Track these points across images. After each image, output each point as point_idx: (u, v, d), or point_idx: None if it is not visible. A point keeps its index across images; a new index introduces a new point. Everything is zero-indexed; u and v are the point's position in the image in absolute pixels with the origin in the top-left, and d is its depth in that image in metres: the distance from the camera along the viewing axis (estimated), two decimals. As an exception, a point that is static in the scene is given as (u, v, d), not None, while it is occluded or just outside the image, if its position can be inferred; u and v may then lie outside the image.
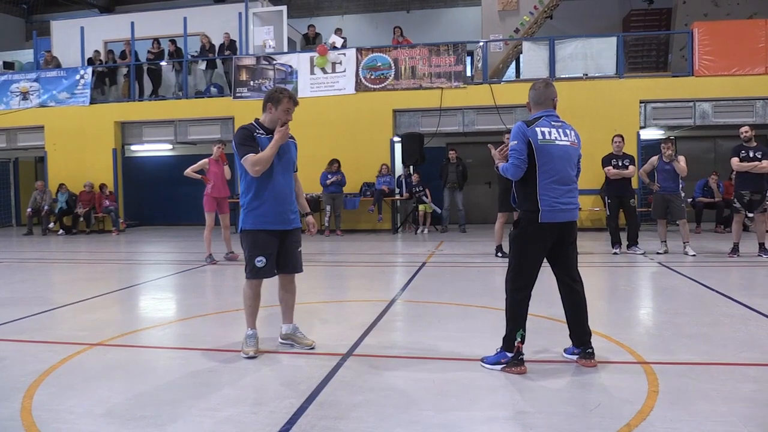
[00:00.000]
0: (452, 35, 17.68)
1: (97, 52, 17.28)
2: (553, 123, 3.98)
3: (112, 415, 3.30)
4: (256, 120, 4.49)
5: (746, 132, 9.13)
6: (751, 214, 9.23)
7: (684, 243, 9.54)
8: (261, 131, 4.39)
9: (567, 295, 4.11)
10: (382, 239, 13.26)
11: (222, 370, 4.11)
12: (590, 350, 4.02)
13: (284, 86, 4.58)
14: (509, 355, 3.91)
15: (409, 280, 7.67)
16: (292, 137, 4.48)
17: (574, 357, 4.09)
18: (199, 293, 7.57)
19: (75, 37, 17.22)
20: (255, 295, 4.48)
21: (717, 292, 6.50)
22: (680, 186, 9.60)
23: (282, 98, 4.38)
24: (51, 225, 15.86)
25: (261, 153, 4.24)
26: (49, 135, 16.77)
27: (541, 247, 3.94)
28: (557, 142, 3.91)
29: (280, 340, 4.68)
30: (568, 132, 4.03)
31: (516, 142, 3.88)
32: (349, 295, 6.88)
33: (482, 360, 4.06)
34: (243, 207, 4.41)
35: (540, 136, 3.87)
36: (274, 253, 4.41)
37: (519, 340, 3.90)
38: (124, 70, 17.37)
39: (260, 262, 4.34)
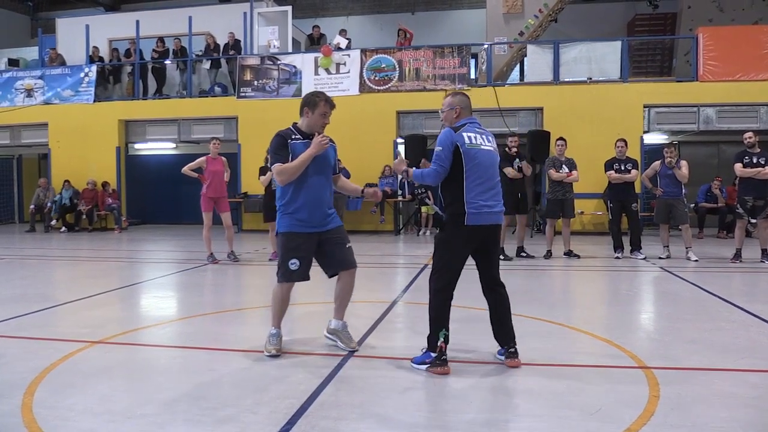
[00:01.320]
0: (457, 37, 17.68)
1: (96, 48, 17.28)
2: (476, 129, 4.09)
3: (112, 412, 3.31)
4: (294, 124, 4.46)
5: (750, 138, 9.12)
6: (754, 220, 9.22)
7: (686, 248, 9.52)
8: (297, 136, 4.35)
9: (491, 298, 4.24)
10: (384, 240, 13.26)
11: (222, 369, 4.11)
12: (513, 350, 4.10)
13: (320, 92, 4.52)
14: (432, 355, 3.95)
15: (411, 282, 7.66)
16: (331, 141, 4.40)
17: (502, 358, 4.15)
18: (200, 292, 7.57)
19: (80, 35, 17.26)
20: (284, 298, 4.44)
21: (719, 297, 6.48)
22: (683, 191, 9.58)
23: (318, 102, 4.36)
24: (53, 222, 15.89)
25: (287, 164, 4.21)
26: (52, 132, 16.80)
27: (466, 249, 4.05)
28: (482, 147, 4.02)
29: (325, 334, 4.65)
30: (490, 139, 4.17)
31: (441, 148, 3.97)
32: (353, 295, 6.88)
33: (412, 360, 4.07)
34: (279, 210, 4.41)
35: (467, 141, 3.97)
36: (309, 257, 4.38)
37: (442, 340, 3.95)
38: (129, 69, 17.41)
39: (294, 264, 4.29)
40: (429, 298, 4.05)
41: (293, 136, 4.34)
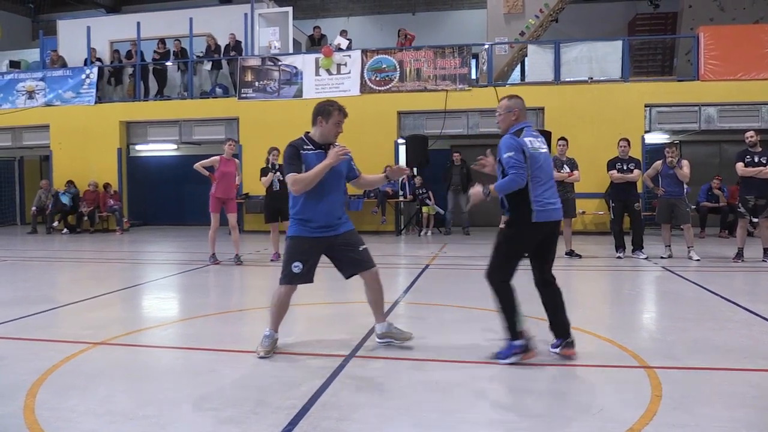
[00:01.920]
0: (457, 38, 17.68)
1: (94, 50, 17.29)
2: (532, 133, 4.26)
3: (114, 414, 3.31)
4: (306, 134, 4.45)
5: (751, 137, 9.10)
6: (755, 219, 9.21)
7: (688, 248, 9.51)
8: (309, 146, 4.35)
9: (547, 292, 4.34)
10: (385, 241, 13.25)
11: (224, 370, 4.11)
12: (570, 340, 4.26)
13: (332, 100, 4.51)
14: (519, 343, 4.06)
15: (413, 282, 7.67)
16: (346, 153, 4.34)
17: (558, 349, 4.29)
18: (202, 293, 7.57)
19: (81, 37, 17.28)
20: (284, 301, 4.43)
21: (721, 297, 6.47)
22: (685, 190, 9.57)
23: (332, 111, 4.36)
24: (55, 224, 15.90)
25: (302, 174, 4.22)
26: (54, 134, 16.83)
27: (530, 244, 4.21)
28: (541, 150, 4.22)
29: (377, 341, 4.65)
30: (543, 140, 4.34)
31: (512, 153, 4.09)
32: (351, 296, 6.87)
33: (496, 357, 4.15)
34: (291, 217, 4.44)
35: (529, 145, 4.15)
36: (314, 261, 4.39)
37: (520, 326, 4.07)
38: (130, 70, 17.43)
39: (296, 267, 4.31)
40: (493, 291, 4.16)
41: (305, 147, 4.35)
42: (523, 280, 4.28)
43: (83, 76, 16.82)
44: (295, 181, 4.23)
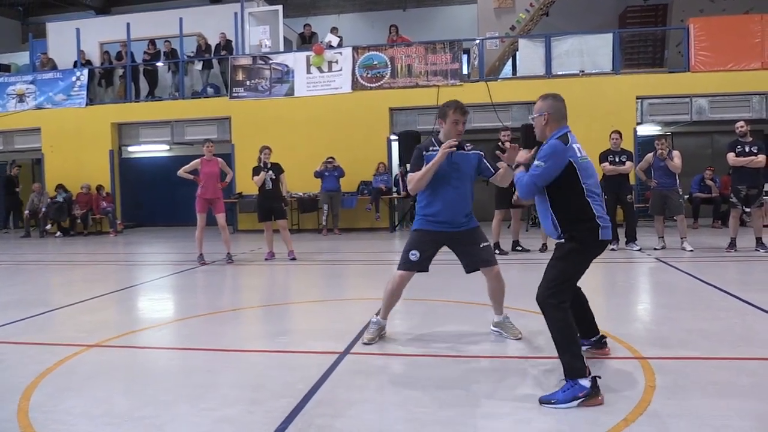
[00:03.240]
0: (448, 33, 17.66)
1: (83, 52, 17.21)
2: (576, 139, 3.68)
3: (110, 415, 3.30)
4: (435, 135, 4.60)
5: (742, 127, 9.14)
6: (747, 209, 9.24)
7: (681, 238, 9.55)
8: (435, 147, 4.47)
9: (576, 295, 3.97)
10: (379, 237, 13.26)
11: (219, 370, 4.11)
12: (604, 340, 4.16)
13: (452, 100, 4.48)
14: (585, 384, 3.28)
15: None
16: (475, 150, 4.51)
17: (584, 348, 4.00)
18: (196, 293, 7.56)
19: (71, 39, 17.19)
20: (399, 288, 4.59)
21: (714, 287, 6.50)
22: (677, 182, 9.60)
23: (448, 111, 4.42)
24: (48, 227, 15.84)
25: (414, 173, 4.40)
26: (45, 137, 16.76)
27: (590, 262, 3.68)
28: (587, 158, 3.65)
29: (491, 329, 4.80)
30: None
31: (545, 164, 3.51)
32: (347, 293, 6.88)
33: (546, 402, 3.31)
34: (417, 212, 4.64)
35: (579, 154, 3.58)
36: (432, 252, 4.54)
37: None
38: (120, 72, 17.35)
39: (414, 255, 4.48)
40: (549, 316, 3.52)
41: (431, 148, 4.48)
42: (525, 278, 4.27)
43: (74, 79, 16.74)
44: (410, 179, 4.44)
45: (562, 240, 3.63)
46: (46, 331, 5.45)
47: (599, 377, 3.35)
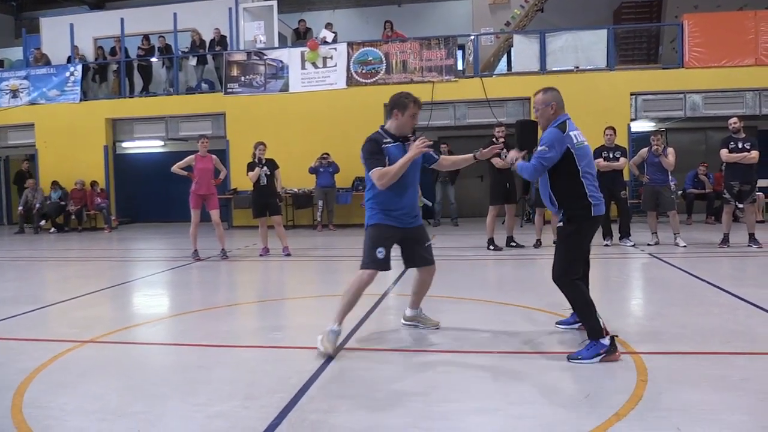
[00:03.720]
0: (443, 29, 17.65)
1: (76, 47, 17.14)
2: (574, 125, 4.20)
3: (104, 411, 3.30)
4: (382, 127, 4.47)
5: (735, 123, 9.16)
6: (740, 205, 9.28)
7: (674, 234, 9.59)
8: (388, 140, 4.36)
9: (584, 278, 4.41)
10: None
11: (213, 365, 4.11)
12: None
13: (408, 92, 4.49)
14: (605, 342, 3.88)
15: (401, 274, 7.67)
16: (428, 144, 4.33)
17: (575, 326, 4.52)
18: (190, 289, 7.56)
19: (64, 34, 17.11)
20: (363, 289, 4.34)
21: (707, 282, 6.53)
22: (670, 178, 9.64)
23: (408, 103, 4.36)
24: (42, 223, 15.80)
25: (388, 167, 4.22)
26: (39, 133, 16.69)
27: (589, 238, 4.26)
28: (585, 143, 4.20)
29: (403, 323, 4.84)
30: (581, 133, 4.28)
31: (547, 148, 4.04)
32: (341, 289, 6.87)
33: (576, 357, 3.91)
34: (370, 206, 4.42)
35: (575, 140, 4.10)
36: (390, 250, 4.42)
37: (602, 324, 4.01)
38: (114, 67, 17.29)
39: (380, 253, 4.32)
40: (566, 292, 4.10)
41: (385, 140, 4.36)
42: (519, 273, 4.29)
43: (67, 74, 16.68)
44: (381, 175, 4.21)
45: (562, 223, 4.16)
46: (40, 327, 5.44)
47: (617, 336, 3.96)
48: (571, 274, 4.08)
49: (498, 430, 2.95)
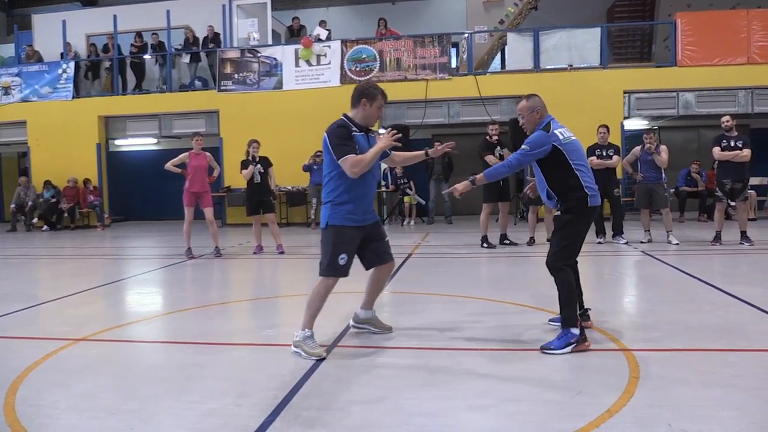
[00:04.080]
0: (437, 27, 17.66)
1: (69, 44, 17.05)
2: (560, 125, 4.41)
3: (97, 409, 3.30)
4: (346, 115, 4.36)
5: (727, 121, 9.20)
6: (732, 203, 9.33)
7: (667, 232, 9.63)
8: (355, 129, 4.26)
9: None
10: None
11: (206, 363, 4.11)
12: (587, 314, 4.60)
13: (375, 83, 4.50)
14: (576, 332, 4.07)
15: (396, 271, 7.69)
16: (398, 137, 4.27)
17: (556, 324, 4.46)
18: (183, 287, 7.55)
19: (57, 31, 17.04)
20: (325, 297, 4.26)
21: (699, 280, 6.57)
22: (663, 176, 9.68)
23: (377, 94, 4.31)
24: (35, 221, 15.73)
25: (362, 155, 4.10)
26: (31, 130, 16.62)
27: (587, 227, 4.38)
28: (572, 138, 4.35)
29: (353, 325, 4.71)
30: (568, 129, 4.45)
31: (529, 148, 4.26)
32: (336, 287, 6.90)
33: (545, 348, 4.07)
34: (328, 203, 4.22)
35: (561, 137, 4.26)
36: (354, 252, 4.29)
37: (579, 314, 4.17)
38: (107, 64, 17.21)
39: (343, 259, 4.17)
40: (557, 280, 4.20)
41: (353, 129, 4.24)
42: (513, 271, 4.30)
43: (60, 71, 16.60)
44: (355, 162, 4.06)
45: (559, 213, 4.32)
46: (32, 325, 5.42)
47: (586, 327, 4.17)
48: (563, 260, 4.23)
49: (491, 427, 2.96)
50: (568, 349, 4.01)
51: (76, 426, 3.09)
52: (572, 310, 4.13)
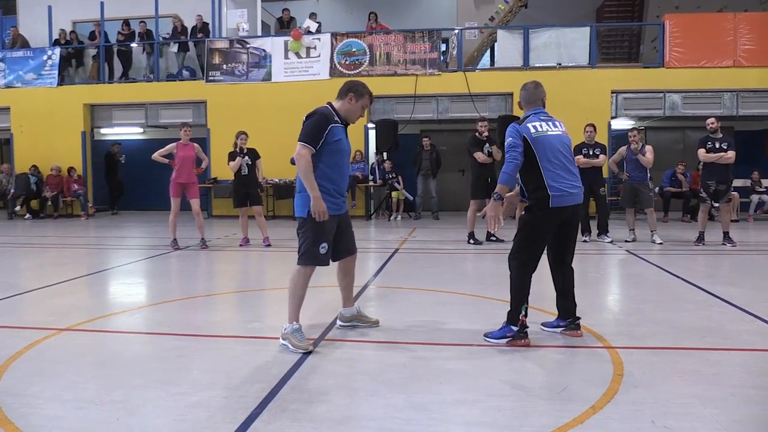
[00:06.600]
0: (427, 22, 17.65)
1: (63, 31, 16.84)
2: (541, 118, 4.29)
3: (81, 399, 3.28)
4: (330, 105, 4.33)
5: (712, 123, 9.29)
6: (716, 204, 9.44)
7: (651, 231, 9.72)
8: (337, 120, 4.25)
9: (560, 274, 4.44)
10: (355, 225, 13.10)
11: (192, 355, 4.09)
12: (577, 322, 4.42)
13: (364, 83, 4.52)
14: (514, 328, 4.17)
15: (382, 266, 7.71)
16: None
17: (558, 330, 4.46)
18: (169, 278, 7.51)
19: (42, 17, 16.79)
20: (305, 286, 4.27)
21: (682, 279, 6.65)
22: (648, 176, 9.76)
23: (365, 94, 4.33)
24: (17, 209, 15.55)
25: (309, 164, 4.08)
26: (15, 117, 16.40)
27: (549, 229, 4.23)
28: (549, 133, 4.21)
29: (340, 324, 4.67)
30: (557, 124, 4.34)
31: (510, 139, 4.18)
32: (321, 280, 6.87)
33: (486, 335, 4.28)
34: (304, 191, 4.17)
35: (533, 130, 4.17)
36: (332, 241, 4.30)
37: (523, 313, 4.15)
38: (92, 52, 17.01)
39: (323, 248, 4.20)
40: (511, 274, 4.24)
41: (334, 119, 4.23)
42: (499, 268, 4.32)
43: (45, 57, 16.39)
44: (303, 157, 4.09)
45: (523, 212, 4.26)
46: (15, 314, 5.37)
47: (527, 328, 4.17)
48: (521, 258, 4.20)
49: (477, 421, 2.98)
50: (503, 341, 4.16)
51: (60, 416, 3.07)
52: (516, 308, 4.16)
